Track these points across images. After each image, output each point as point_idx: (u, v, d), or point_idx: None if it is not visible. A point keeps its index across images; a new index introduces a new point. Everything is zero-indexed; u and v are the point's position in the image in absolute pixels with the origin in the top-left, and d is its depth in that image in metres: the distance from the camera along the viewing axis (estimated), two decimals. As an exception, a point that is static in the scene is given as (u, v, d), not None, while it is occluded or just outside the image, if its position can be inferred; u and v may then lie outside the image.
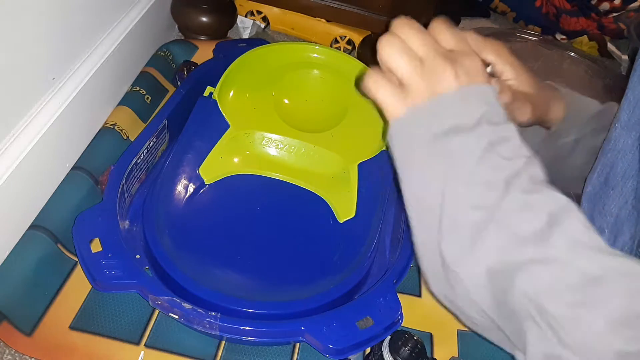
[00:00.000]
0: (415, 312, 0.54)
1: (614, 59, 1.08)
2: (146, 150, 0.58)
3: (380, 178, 0.62)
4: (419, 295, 0.57)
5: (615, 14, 1.09)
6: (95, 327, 0.48)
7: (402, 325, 0.49)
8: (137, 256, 0.51)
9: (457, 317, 0.36)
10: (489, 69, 0.43)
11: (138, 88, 0.69)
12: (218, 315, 0.44)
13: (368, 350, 0.49)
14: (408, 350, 0.46)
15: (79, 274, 0.51)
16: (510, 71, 0.45)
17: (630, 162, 0.42)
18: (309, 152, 0.65)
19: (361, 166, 0.63)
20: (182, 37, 0.85)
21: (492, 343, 0.35)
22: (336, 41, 0.93)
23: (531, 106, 0.46)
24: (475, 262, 0.32)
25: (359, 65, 0.70)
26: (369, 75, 0.37)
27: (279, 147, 0.66)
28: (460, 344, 0.53)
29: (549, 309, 0.29)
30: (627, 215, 0.42)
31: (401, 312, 0.48)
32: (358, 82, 0.38)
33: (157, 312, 0.50)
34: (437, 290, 0.36)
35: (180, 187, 0.59)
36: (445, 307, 0.36)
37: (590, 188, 0.45)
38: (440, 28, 0.38)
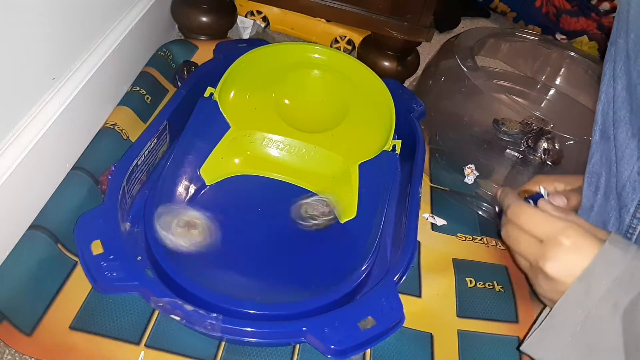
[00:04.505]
0: (415, 312, 0.54)
1: (613, 59, 1.08)
2: (147, 152, 0.58)
3: (380, 178, 0.62)
4: (419, 296, 0.57)
5: (615, 14, 1.09)
6: (95, 327, 0.48)
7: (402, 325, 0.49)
8: (139, 258, 0.51)
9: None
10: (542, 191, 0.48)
11: (138, 88, 0.69)
12: (220, 317, 0.44)
13: None
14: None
15: (79, 274, 0.51)
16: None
17: (610, 162, 0.42)
18: (309, 152, 0.65)
19: (362, 166, 0.62)
20: (182, 37, 0.85)
21: None
22: (336, 41, 0.93)
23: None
24: None
25: (359, 65, 0.70)
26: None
27: (280, 147, 0.65)
28: (460, 344, 0.53)
29: None
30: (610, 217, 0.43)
31: (403, 312, 0.48)
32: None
33: (157, 312, 0.50)
34: None
35: (181, 188, 0.59)
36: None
37: (585, 200, 0.45)
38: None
